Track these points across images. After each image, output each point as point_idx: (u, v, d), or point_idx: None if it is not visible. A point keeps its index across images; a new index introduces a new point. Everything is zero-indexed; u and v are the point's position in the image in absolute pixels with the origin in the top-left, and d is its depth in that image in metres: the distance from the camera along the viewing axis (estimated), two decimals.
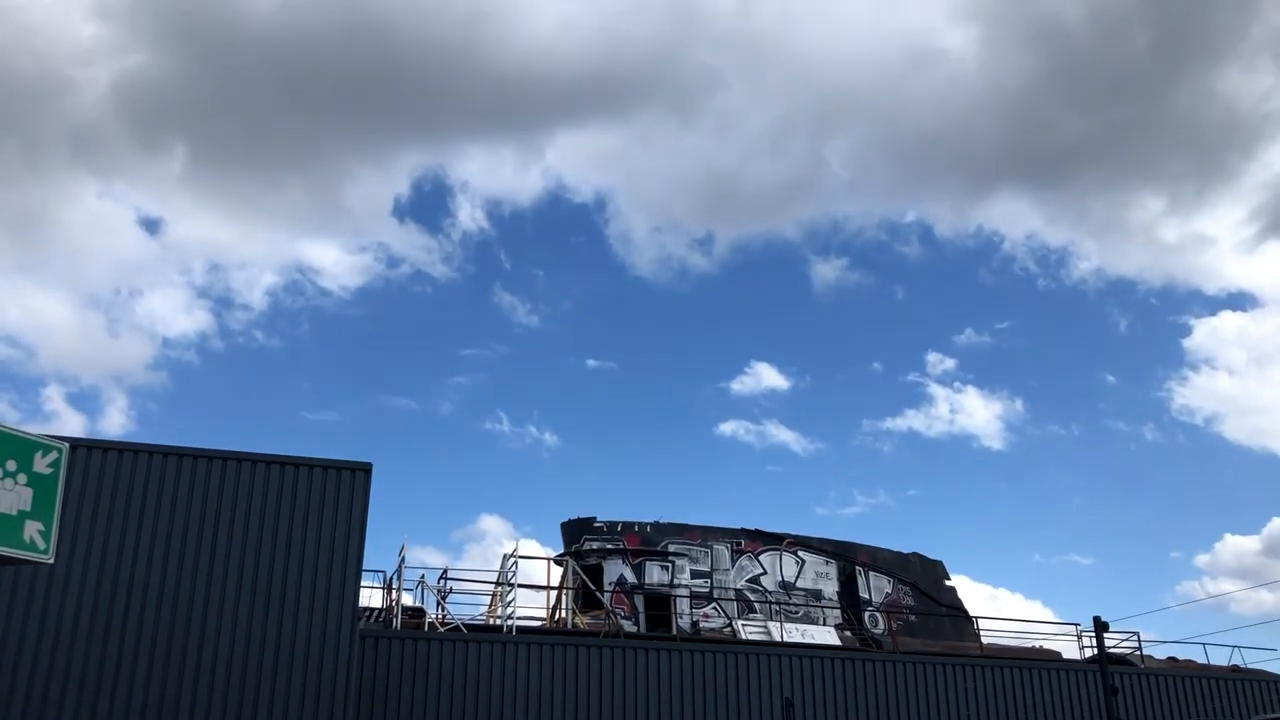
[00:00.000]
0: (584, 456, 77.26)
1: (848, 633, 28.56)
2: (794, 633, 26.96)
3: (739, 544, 29.39)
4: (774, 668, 24.03)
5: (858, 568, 30.40)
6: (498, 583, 26.33)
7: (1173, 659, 31.04)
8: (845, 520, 72.53)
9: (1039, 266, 78.57)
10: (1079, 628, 30.65)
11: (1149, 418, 78.40)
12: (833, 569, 30.04)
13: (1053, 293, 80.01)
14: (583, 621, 26.41)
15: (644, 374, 79.57)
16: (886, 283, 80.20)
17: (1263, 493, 76.55)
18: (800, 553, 29.88)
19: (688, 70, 75.28)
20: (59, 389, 72.63)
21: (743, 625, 27.21)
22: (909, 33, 75.26)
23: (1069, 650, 30.42)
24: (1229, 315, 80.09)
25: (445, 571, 26.14)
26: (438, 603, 24.77)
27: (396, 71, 70.39)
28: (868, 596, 30.10)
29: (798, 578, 29.45)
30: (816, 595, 29.37)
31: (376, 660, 21.33)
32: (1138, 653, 29.89)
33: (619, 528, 28.72)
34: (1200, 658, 30.73)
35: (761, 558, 29.39)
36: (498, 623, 24.59)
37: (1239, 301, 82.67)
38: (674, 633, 26.32)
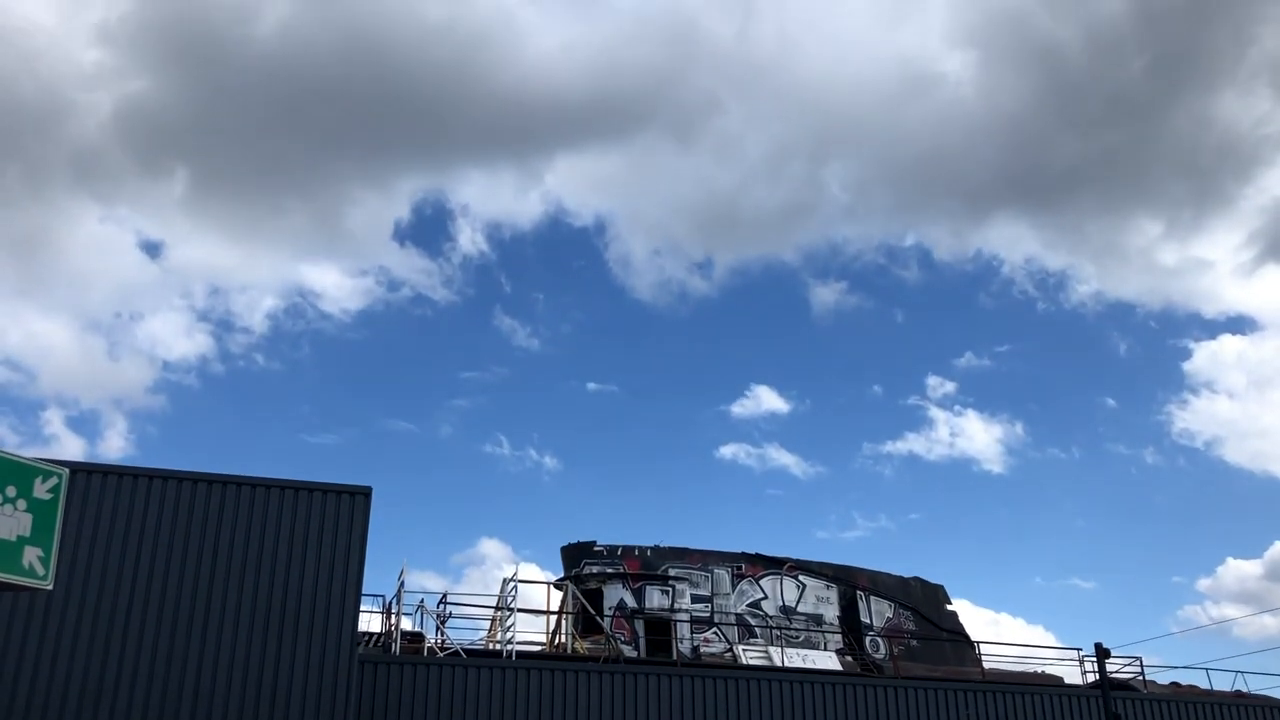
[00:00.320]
0: (584, 480, 77.19)
1: (849, 658, 28.44)
2: (795, 658, 26.84)
3: (739, 568, 29.29)
4: (775, 693, 23.91)
5: (859, 592, 30.30)
6: (497, 607, 26.24)
7: (1175, 684, 30.89)
8: (846, 544, 72.32)
9: (1038, 290, 78.72)
10: (1081, 653, 30.54)
11: (1149, 441, 78.35)
12: (834, 593, 29.93)
13: (1052, 316, 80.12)
14: (582, 646, 26.29)
15: (644, 397, 79.59)
16: (886, 306, 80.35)
17: (1264, 516, 76.43)
18: (801, 577, 29.78)
19: (687, 95, 75.70)
20: (59, 412, 72.62)
21: (744, 650, 27.10)
22: (906, 58, 75.71)
23: (1071, 675, 30.31)
24: (1228, 339, 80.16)
25: (445, 596, 26.08)
26: (437, 627, 24.70)
27: (397, 96, 70.75)
28: (869, 621, 29.99)
29: (799, 602, 29.35)
30: (818, 620, 29.26)
31: (376, 685, 21.23)
32: (1140, 678, 29.76)
33: (619, 552, 28.64)
34: (1203, 683, 30.61)
35: (762, 582, 29.29)
36: (497, 647, 24.50)
37: (1238, 325, 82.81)
38: (674, 658, 26.21)
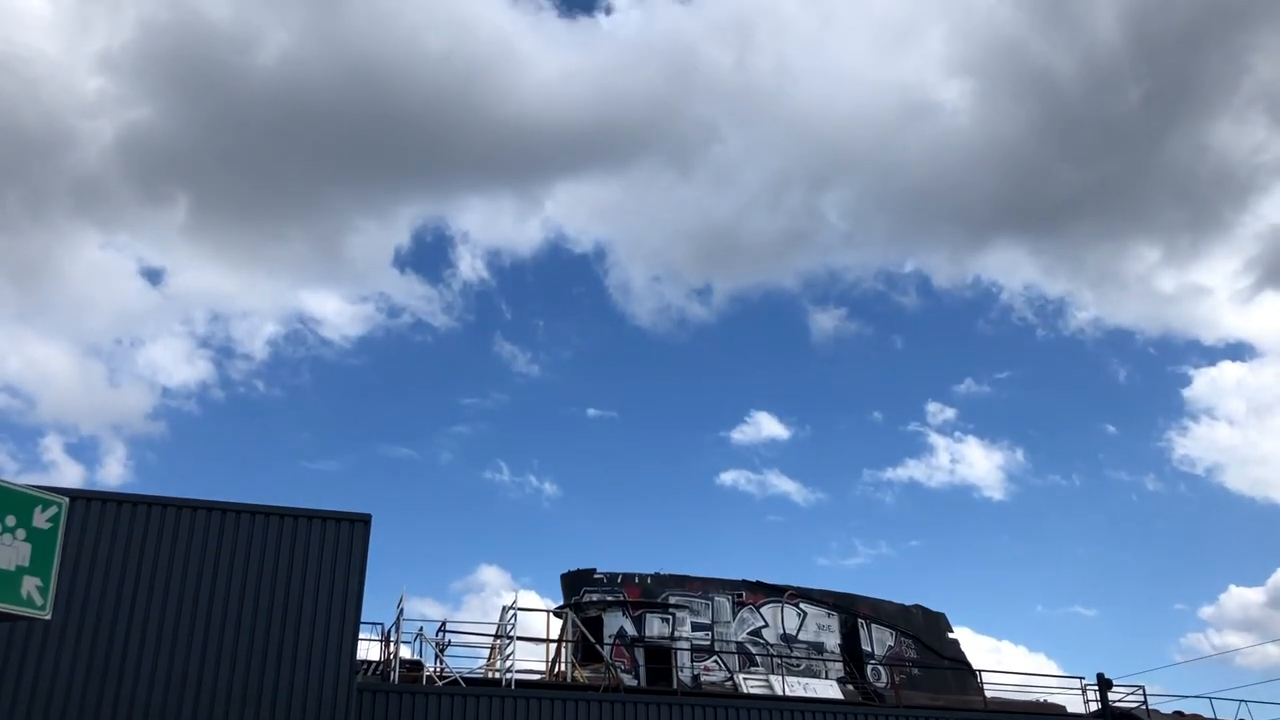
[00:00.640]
0: (584, 506, 77.00)
1: (850, 686, 28.28)
2: (796, 686, 26.69)
3: (740, 596, 29.17)
4: None
5: (860, 620, 30.17)
6: (497, 635, 26.10)
7: (1179, 714, 30.69)
8: (847, 571, 72.03)
9: (1037, 316, 78.81)
10: (1084, 681, 30.36)
11: (1150, 468, 78.23)
12: (835, 621, 29.80)
13: (1051, 343, 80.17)
14: (582, 675, 26.15)
15: (644, 423, 79.52)
16: (885, 332, 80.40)
17: (1266, 544, 76.13)
18: (802, 605, 29.66)
19: (686, 123, 76.06)
20: (58, 439, 72.45)
21: (744, 679, 26.95)
22: (904, 87, 76.13)
23: (1074, 704, 30.10)
24: (1228, 365, 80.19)
25: (444, 623, 25.91)
26: (436, 655, 24.54)
27: (397, 124, 71.09)
28: (870, 649, 29.84)
29: (799, 630, 29.21)
30: (819, 648, 29.11)
31: (374, 714, 21.09)
32: (1143, 707, 29.57)
33: (619, 579, 28.52)
34: (1207, 712, 30.41)
35: (763, 610, 29.16)
36: (496, 676, 24.35)
37: (1237, 352, 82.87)
38: (675, 686, 26.06)
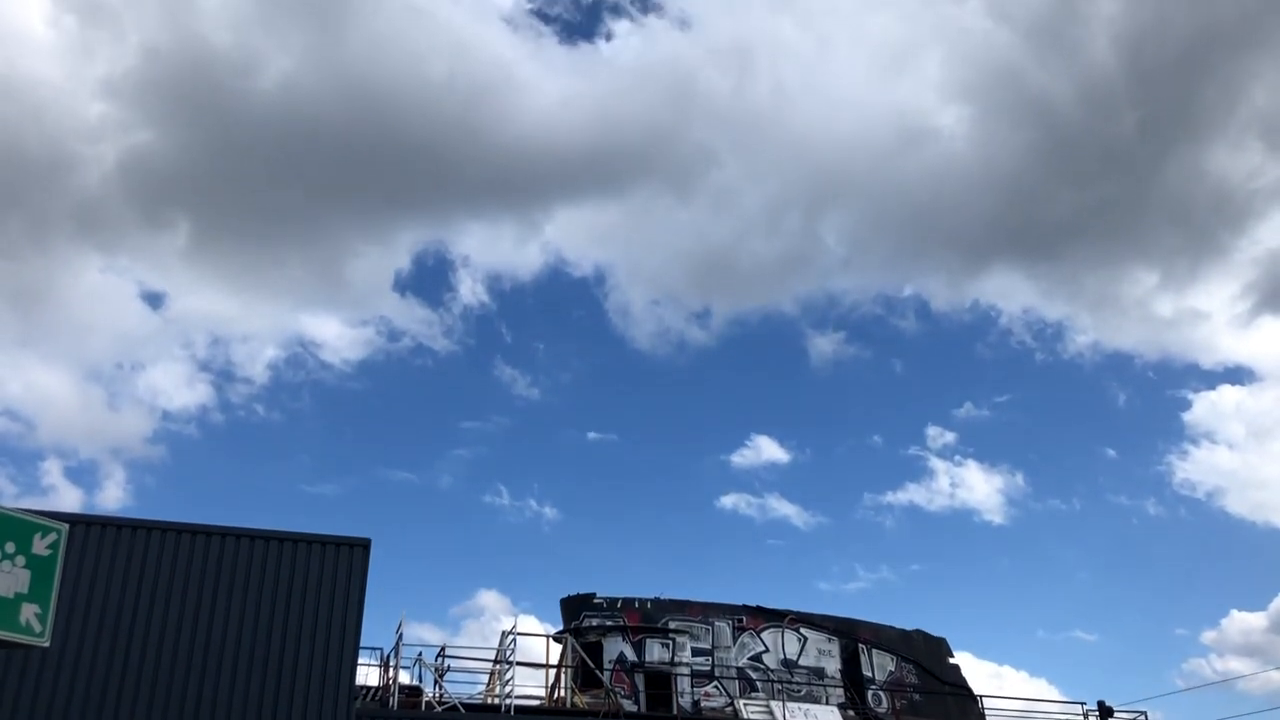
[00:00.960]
0: (584, 530, 76.77)
1: (851, 712, 28.15)
2: (797, 712, 26.57)
3: (740, 621, 29.08)
4: None
5: (860, 645, 30.04)
6: (496, 660, 26.02)
7: None
8: (848, 595, 71.67)
9: (1036, 340, 78.83)
10: (1085, 707, 30.22)
11: (1150, 492, 77.99)
12: (835, 646, 29.69)
13: (1050, 366, 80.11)
14: (582, 700, 26.05)
15: (644, 446, 79.38)
16: (884, 356, 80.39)
17: (1267, 568, 75.81)
18: (802, 630, 29.56)
19: (685, 148, 76.37)
20: (57, 462, 72.33)
21: (745, 705, 26.83)
22: (902, 112, 76.46)
23: None
24: (1228, 389, 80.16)
25: (443, 649, 25.84)
26: (435, 681, 24.47)
27: (398, 148, 71.35)
28: (871, 675, 29.70)
29: (800, 655, 29.11)
30: (819, 673, 28.99)
31: None
32: None
33: (619, 604, 28.45)
34: None
35: (763, 635, 29.06)
36: (496, 702, 24.27)
37: (1236, 376, 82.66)
38: (675, 712, 25.95)
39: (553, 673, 27.19)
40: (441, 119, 71.39)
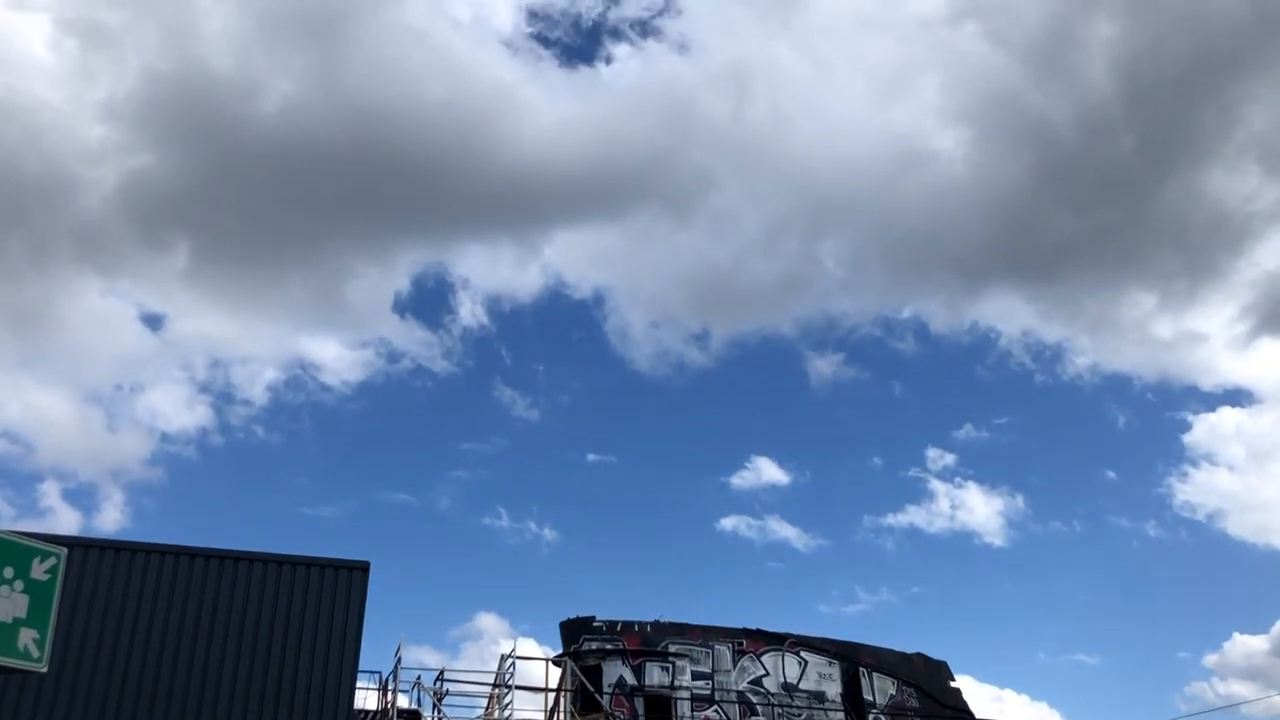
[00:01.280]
0: (583, 552, 76.59)
1: None
2: None
3: (740, 644, 28.97)
4: None
5: (861, 669, 29.93)
6: (495, 684, 25.91)
7: None
8: (849, 618, 71.44)
9: (1035, 362, 78.85)
10: None
11: (1151, 514, 77.86)
12: (836, 670, 29.57)
13: (1050, 388, 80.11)
14: None
15: (644, 468, 79.30)
16: (883, 378, 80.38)
17: (1269, 591, 75.61)
18: (803, 653, 29.44)
19: (684, 171, 76.60)
20: (56, 485, 72.26)
21: None
22: (900, 135, 76.72)
23: None
24: (1227, 411, 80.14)
25: (442, 672, 25.74)
26: (434, 705, 24.36)
27: (398, 171, 71.58)
28: (871, 699, 29.57)
29: (800, 679, 28.98)
30: (819, 697, 28.86)
31: None
32: None
33: (618, 627, 28.35)
34: None
35: (764, 658, 28.95)
36: None
37: (1235, 398, 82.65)
38: None
39: (552, 696, 27.07)
40: (441, 142, 71.69)
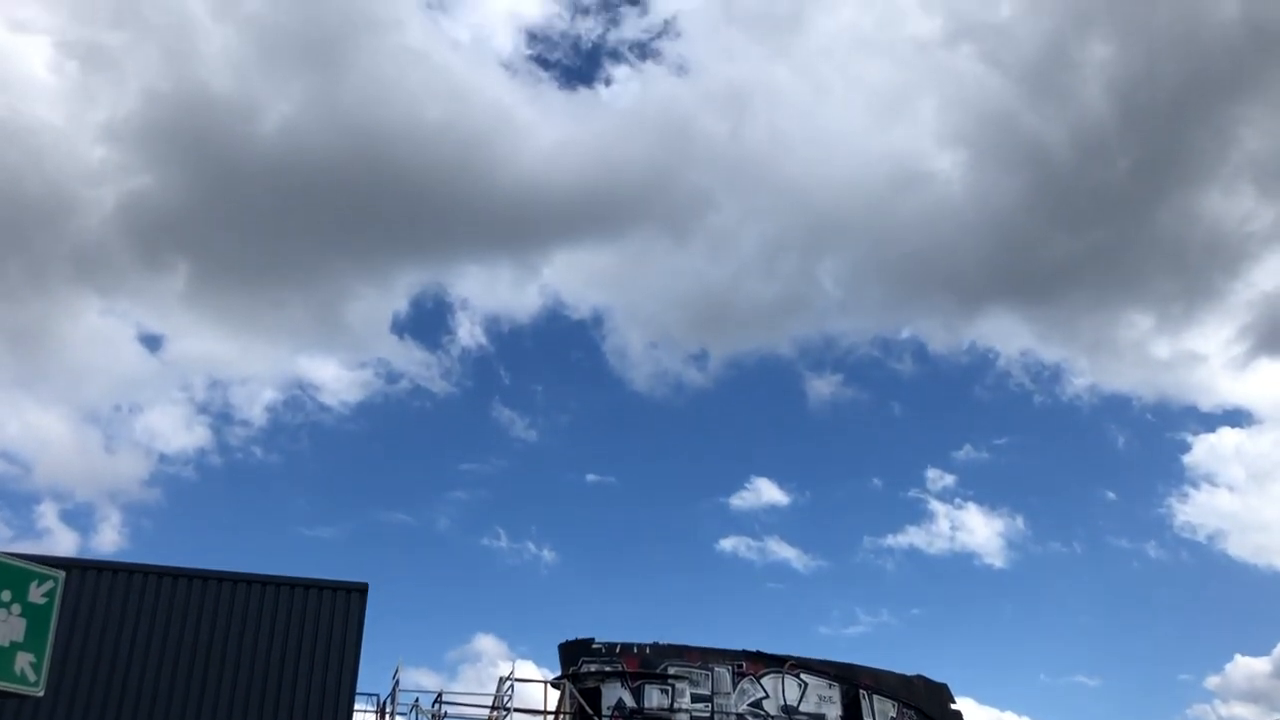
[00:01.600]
0: (582, 573, 76.38)
1: None
2: None
3: (740, 666, 28.84)
4: None
5: (861, 691, 29.78)
6: (494, 706, 25.80)
7: None
8: (849, 640, 71.18)
9: (1034, 383, 78.87)
10: None
11: (1151, 535, 77.74)
12: (836, 692, 29.43)
13: (1049, 408, 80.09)
14: None
15: (643, 489, 79.18)
16: (882, 399, 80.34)
17: (1270, 612, 75.41)
18: (803, 675, 29.30)
19: (682, 191, 76.85)
20: (53, 505, 72.09)
21: None
22: (897, 156, 76.99)
23: None
24: (1227, 431, 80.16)
25: (440, 695, 25.64)
26: None
27: (397, 192, 71.77)
28: None
29: (800, 701, 28.84)
30: None
31: None
32: None
33: (617, 649, 28.23)
34: None
35: (763, 681, 28.81)
36: None
37: (1234, 418, 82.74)
38: None
39: (551, 719, 26.94)
40: (440, 163, 71.90)
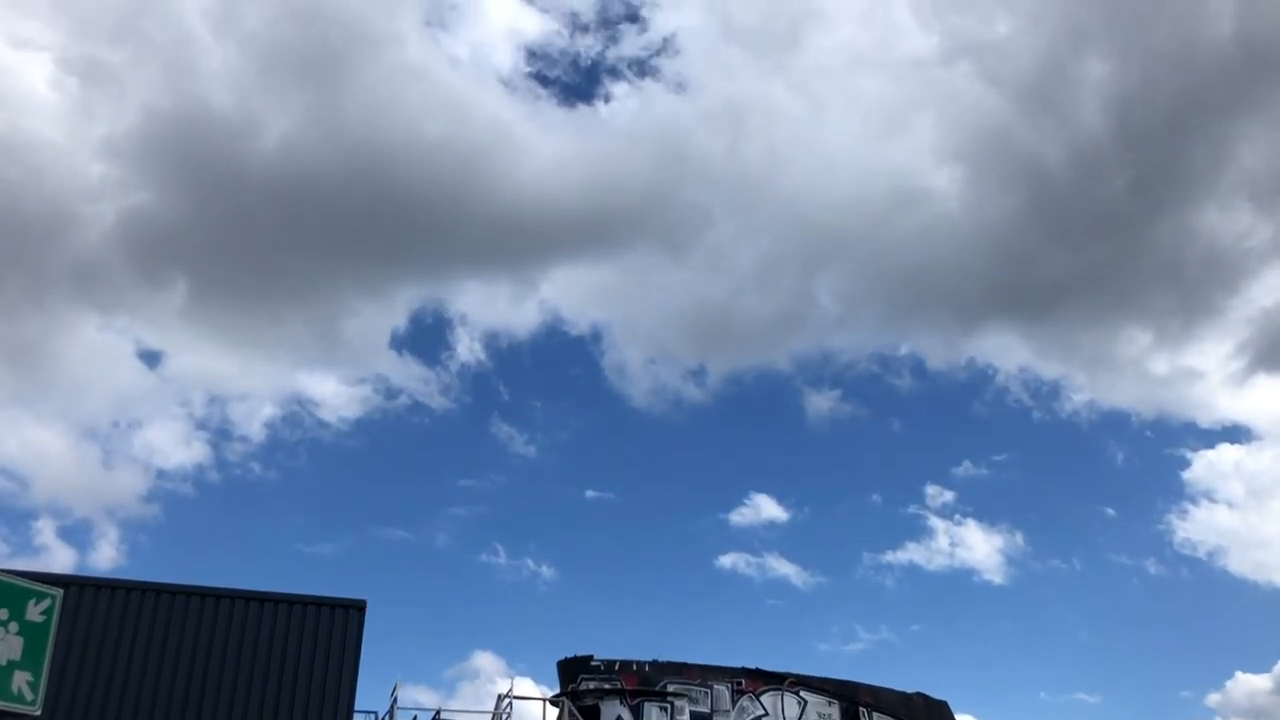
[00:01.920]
0: (581, 589, 76.18)
1: None
2: None
3: (739, 683, 28.75)
4: None
5: (861, 708, 29.69)
6: None
7: None
8: (848, 657, 70.98)
9: (1033, 399, 78.94)
10: None
11: (1150, 551, 77.62)
12: (835, 710, 29.33)
13: (1048, 425, 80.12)
14: None
15: (642, 505, 79.07)
16: (881, 415, 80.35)
17: (1271, 629, 75.29)
18: (802, 693, 29.22)
19: (679, 208, 77.09)
20: (51, 522, 71.94)
21: None
22: (894, 173, 77.25)
23: None
24: (1226, 448, 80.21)
25: (438, 712, 25.50)
26: None
27: (396, 209, 71.89)
28: None
29: (800, 719, 28.75)
30: None
31: None
32: None
33: (616, 666, 28.14)
34: None
35: (763, 698, 28.72)
36: None
37: (1234, 434, 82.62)
38: None
39: None
40: (439, 179, 72.06)
